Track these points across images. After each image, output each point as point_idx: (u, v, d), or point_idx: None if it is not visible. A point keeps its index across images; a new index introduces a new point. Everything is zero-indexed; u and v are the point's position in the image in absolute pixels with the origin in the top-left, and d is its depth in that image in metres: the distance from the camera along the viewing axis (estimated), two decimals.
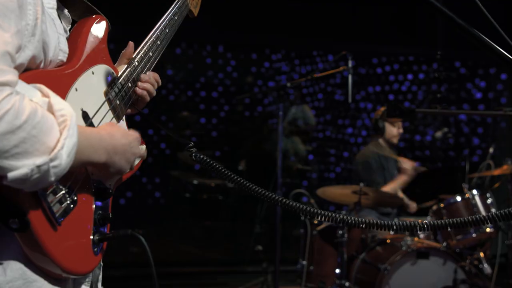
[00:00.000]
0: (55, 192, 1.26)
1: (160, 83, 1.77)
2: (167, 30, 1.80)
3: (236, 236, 8.06)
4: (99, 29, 1.52)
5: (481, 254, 4.64)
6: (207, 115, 8.68)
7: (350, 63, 4.32)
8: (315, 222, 4.75)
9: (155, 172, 8.09)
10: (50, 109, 1.20)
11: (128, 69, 1.64)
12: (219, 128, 8.81)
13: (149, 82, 1.71)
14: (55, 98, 1.22)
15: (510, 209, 1.43)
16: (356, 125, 9.08)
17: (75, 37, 1.46)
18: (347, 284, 4.34)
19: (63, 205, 1.28)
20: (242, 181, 1.61)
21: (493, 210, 4.58)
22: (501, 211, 1.42)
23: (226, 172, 1.62)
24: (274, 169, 4.55)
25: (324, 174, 9.11)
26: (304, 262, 4.79)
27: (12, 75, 1.14)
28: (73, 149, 1.21)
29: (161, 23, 1.79)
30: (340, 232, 4.42)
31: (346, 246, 4.45)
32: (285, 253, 5.89)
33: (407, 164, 5.24)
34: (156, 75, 1.76)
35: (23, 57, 1.23)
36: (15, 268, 1.25)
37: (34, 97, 1.20)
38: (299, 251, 4.93)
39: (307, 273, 4.76)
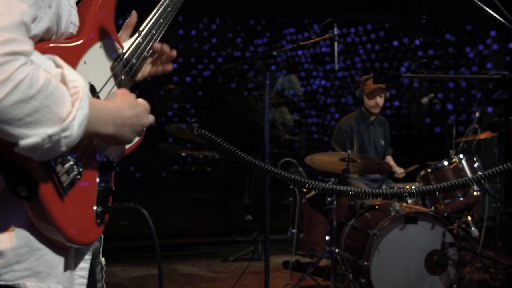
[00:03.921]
0: (63, 163, 1.29)
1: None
2: (169, 9, 1.82)
3: (226, 207, 8.09)
4: (107, 2, 1.53)
5: (469, 218, 4.69)
6: (193, 88, 8.63)
7: (335, 31, 4.28)
8: (304, 190, 4.76)
9: (143, 145, 8.05)
10: (63, 80, 1.23)
11: (134, 45, 1.67)
12: (205, 100, 8.77)
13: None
14: (68, 70, 1.26)
15: (493, 169, 1.43)
16: (343, 94, 9.08)
17: (84, 10, 1.48)
18: (337, 250, 4.37)
19: (70, 176, 1.31)
20: (243, 155, 1.64)
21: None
22: (485, 172, 1.43)
23: (227, 146, 1.65)
24: (261, 139, 4.53)
25: (312, 143, 9.13)
26: (294, 230, 4.81)
27: (27, 45, 1.17)
28: (84, 120, 1.24)
29: (164, 1, 1.81)
30: (329, 199, 4.44)
31: (336, 213, 4.47)
32: (275, 222, 5.93)
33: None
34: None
35: (39, 29, 1.26)
36: (21, 236, 1.27)
37: (48, 68, 1.23)
38: (288, 219, 4.96)
39: (297, 241, 4.79)
